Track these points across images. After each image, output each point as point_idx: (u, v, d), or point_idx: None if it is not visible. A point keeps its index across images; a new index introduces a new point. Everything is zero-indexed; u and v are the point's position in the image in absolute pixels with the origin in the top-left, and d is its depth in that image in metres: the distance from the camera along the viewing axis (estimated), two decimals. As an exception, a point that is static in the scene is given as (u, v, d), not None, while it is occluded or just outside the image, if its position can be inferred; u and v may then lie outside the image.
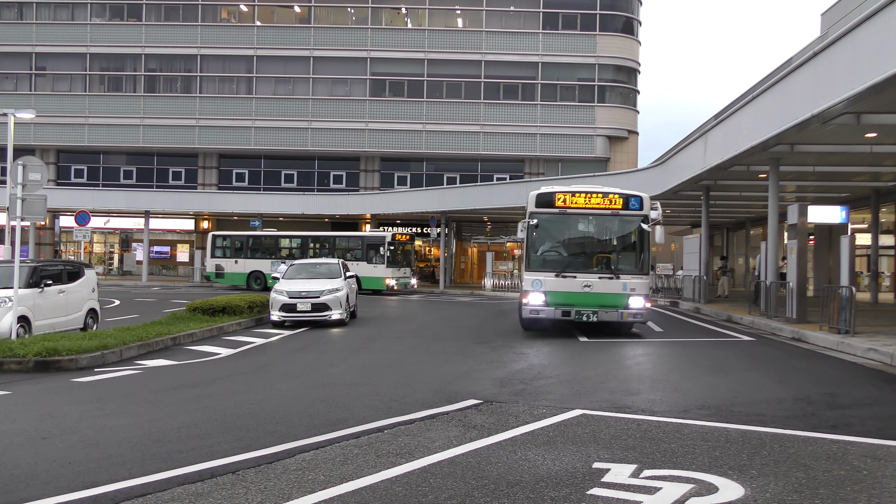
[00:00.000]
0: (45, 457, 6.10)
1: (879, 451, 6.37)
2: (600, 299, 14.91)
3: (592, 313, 14.87)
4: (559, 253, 15.70)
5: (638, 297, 14.90)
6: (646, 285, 15.15)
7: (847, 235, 16.45)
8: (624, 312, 14.87)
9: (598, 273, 15.11)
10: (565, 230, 15.75)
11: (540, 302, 15.02)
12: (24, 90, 46.08)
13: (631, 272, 15.11)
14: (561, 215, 15.38)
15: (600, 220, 15.47)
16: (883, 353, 11.97)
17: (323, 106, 45.23)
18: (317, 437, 6.64)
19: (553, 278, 15.04)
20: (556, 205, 15.28)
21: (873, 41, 11.07)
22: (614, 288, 14.93)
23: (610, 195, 15.21)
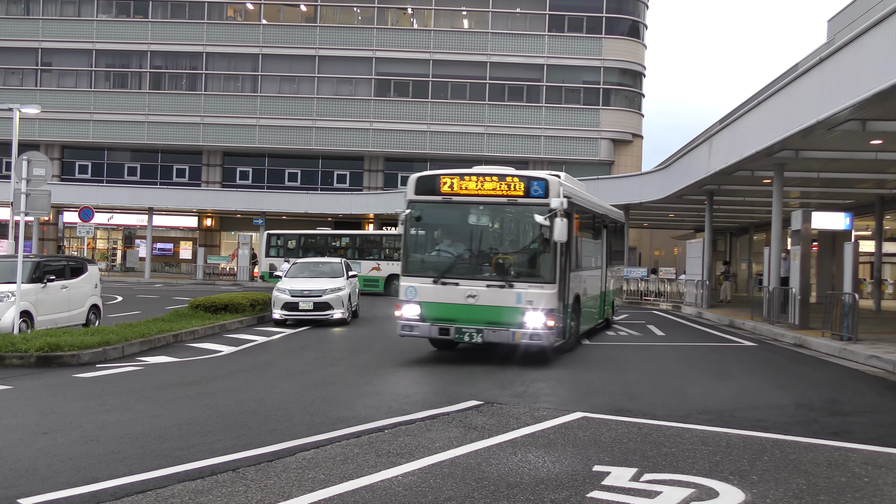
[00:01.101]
0: (45, 452, 6.10)
1: (881, 458, 6.35)
2: (486, 314, 11.24)
3: (476, 332, 11.19)
4: (440, 253, 12.19)
5: (537, 312, 11.04)
6: (550, 297, 11.21)
7: (850, 242, 16.41)
8: (517, 332, 11.05)
9: (486, 280, 11.38)
10: (450, 223, 12.18)
11: (414, 315, 11.59)
12: (29, 86, 46.19)
13: (531, 279, 11.34)
14: (445, 204, 11.82)
15: (494, 210, 11.80)
16: (885, 361, 11.94)
17: (327, 105, 45.26)
18: (317, 436, 6.64)
19: (430, 285, 11.55)
20: (441, 191, 11.74)
21: (880, 48, 11.05)
22: (505, 300, 11.16)
23: (508, 178, 11.50)
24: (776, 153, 16.83)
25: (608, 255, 17.42)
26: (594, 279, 15.46)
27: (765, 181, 20.94)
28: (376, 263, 31.52)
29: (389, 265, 30.68)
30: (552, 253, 11.38)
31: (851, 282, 15.37)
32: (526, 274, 11.48)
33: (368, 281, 30.72)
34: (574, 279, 12.66)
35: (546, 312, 11.10)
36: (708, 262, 25.93)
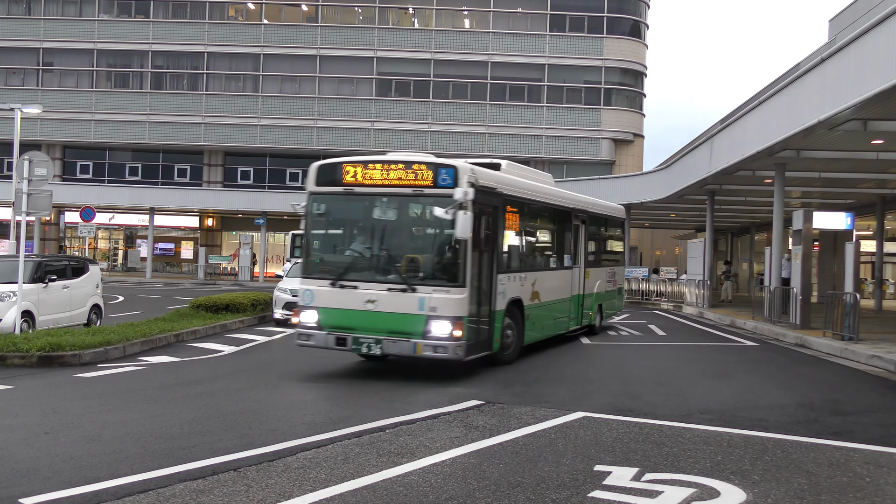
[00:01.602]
0: (46, 452, 6.11)
1: (882, 458, 6.35)
2: (387, 322, 9.80)
3: (375, 342, 9.80)
4: (340, 252, 10.92)
5: (442, 321, 9.51)
6: (458, 303, 9.61)
7: (852, 242, 16.41)
8: (418, 344, 9.59)
9: (388, 283, 9.92)
10: (352, 218, 10.83)
11: (311, 322, 10.27)
12: (31, 85, 46.21)
13: (436, 283, 9.74)
14: (347, 196, 10.44)
15: (400, 203, 10.27)
16: (887, 361, 11.94)
17: (329, 105, 45.27)
18: (318, 436, 6.64)
19: (328, 289, 10.19)
20: (344, 181, 10.35)
21: (881, 48, 11.04)
22: (407, 306, 9.68)
23: (415, 166, 10.00)
24: (777, 153, 16.83)
25: (591, 253, 15.93)
26: (556, 281, 13.61)
27: (766, 181, 20.92)
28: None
29: None
30: (461, 252, 9.69)
31: (853, 281, 15.37)
32: (431, 276, 9.86)
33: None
34: (509, 281, 11.18)
35: (452, 321, 9.50)
36: (709, 262, 25.92)
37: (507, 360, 11.39)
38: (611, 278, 17.30)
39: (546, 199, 13.43)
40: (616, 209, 18.71)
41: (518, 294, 11.58)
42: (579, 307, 15.00)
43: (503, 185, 11.13)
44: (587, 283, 15.38)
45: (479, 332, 10.25)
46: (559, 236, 14.37)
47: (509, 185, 11.43)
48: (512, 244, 11.74)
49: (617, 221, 18.52)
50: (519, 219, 12.03)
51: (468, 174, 9.84)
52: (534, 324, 12.35)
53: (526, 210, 12.45)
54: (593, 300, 15.86)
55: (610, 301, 17.42)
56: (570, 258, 14.53)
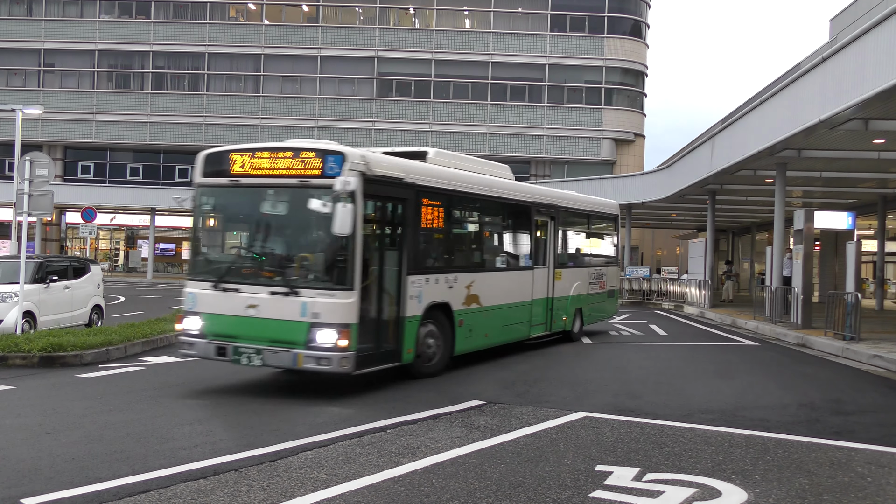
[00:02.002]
0: (48, 452, 6.11)
1: (884, 458, 6.35)
2: (269, 329, 8.62)
3: (255, 353, 8.58)
4: (224, 251, 10.01)
5: (326, 329, 8.32)
6: (345, 308, 8.36)
7: (853, 242, 16.40)
8: (300, 355, 8.36)
9: (270, 285, 8.76)
10: (239, 212, 9.79)
11: (194, 329, 9.14)
12: (32, 86, 46.24)
13: (321, 285, 8.54)
14: (234, 188, 9.31)
15: (288, 194, 9.04)
16: (888, 360, 11.93)
17: (330, 105, 45.28)
18: (320, 436, 6.64)
19: (210, 292, 9.06)
20: (232, 171, 9.24)
21: (882, 47, 11.04)
22: (288, 311, 8.50)
23: (303, 153, 8.85)
24: (778, 153, 16.82)
25: (566, 253, 14.74)
26: (507, 283, 12.28)
27: (767, 181, 20.91)
28: None
29: None
30: (349, 250, 8.44)
31: (854, 281, 15.35)
32: (315, 278, 8.70)
33: None
34: (428, 284, 9.83)
35: (338, 329, 8.27)
36: (710, 262, 25.91)
37: (430, 371, 9.94)
38: (596, 280, 15.84)
39: (490, 192, 11.88)
40: (604, 205, 17.23)
41: (444, 297, 10.23)
42: (547, 311, 13.48)
43: (417, 175, 9.86)
44: (558, 285, 13.94)
45: (380, 341, 9.03)
46: (512, 233, 13.05)
47: (429, 175, 10.19)
48: (433, 241, 10.57)
49: (606, 218, 17.17)
50: (445, 213, 10.67)
51: (355, 162, 8.61)
52: (471, 331, 10.87)
53: (457, 203, 11.10)
54: (569, 304, 14.34)
55: (596, 305, 15.89)
56: (528, 258, 12.92)
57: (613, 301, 17.43)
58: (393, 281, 9.38)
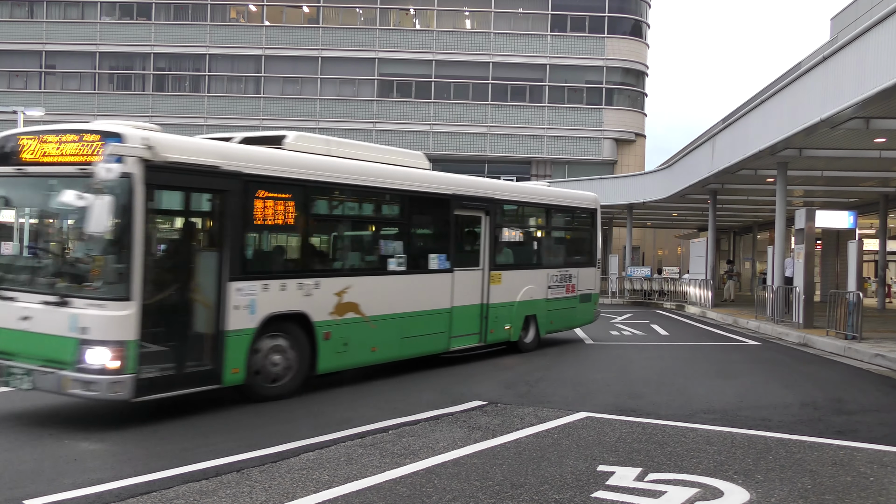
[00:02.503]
0: (50, 454, 6.12)
1: (886, 457, 6.34)
2: (41, 346, 7.30)
3: (26, 374, 7.26)
4: (7, 253, 9.03)
5: (98, 347, 6.94)
6: (119, 322, 6.99)
7: (855, 241, 16.38)
8: (64, 378, 6.99)
9: (43, 293, 7.41)
10: (24, 205, 8.52)
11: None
12: (33, 88, 46.29)
13: (92, 293, 7.14)
14: (19, 178, 7.92)
15: (67, 185, 7.27)
16: (890, 359, 11.92)
17: (330, 106, 45.30)
18: (321, 437, 6.64)
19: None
20: (20, 157, 7.83)
21: (883, 46, 11.03)
22: (58, 325, 7.15)
23: (87, 135, 7.44)
24: (779, 152, 16.81)
25: (510, 253, 13.02)
26: (406, 288, 10.40)
27: (768, 180, 20.90)
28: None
29: None
30: (126, 250, 7.05)
31: (856, 280, 15.34)
32: (88, 286, 7.27)
33: None
34: (267, 291, 8.27)
35: (111, 347, 6.89)
36: (711, 262, 25.90)
37: (276, 393, 8.39)
38: (561, 283, 13.93)
39: (374, 183, 9.96)
40: (574, 198, 15.15)
41: (296, 307, 8.63)
42: (480, 320, 11.75)
43: (245, 162, 8.27)
44: (497, 289, 12.09)
45: (185, 361, 7.63)
46: (415, 231, 11.09)
47: (268, 163, 8.54)
48: (277, 241, 9.23)
49: (576, 213, 15.21)
50: (300, 207, 8.96)
51: (134, 145, 7.11)
52: (346, 344, 9.24)
53: (319, 196, 9.41)
54: (514, 311, 12.52)
55: (561, 311, 13.95)
56: (444, 259, 11.09)
57: (588, 306, 15.01)
58: (208, 288, 7.86)
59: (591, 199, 15.40)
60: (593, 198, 15.50)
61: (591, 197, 15.54)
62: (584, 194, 15.80)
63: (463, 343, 11.57)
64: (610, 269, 32.10)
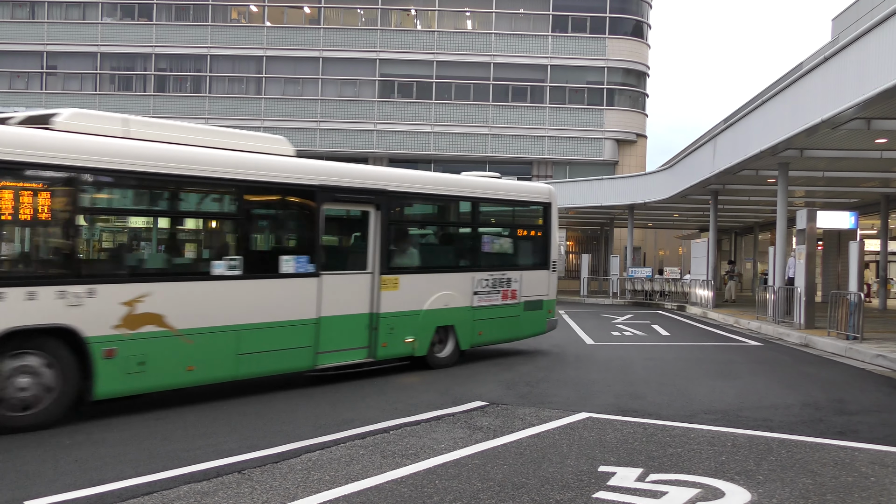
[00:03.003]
0: (51, 454, 6.13)
1: (888, 457, 6.34)
2: None
3: None
4: None
5: None
6: None
7: (856, 241, 16.38)
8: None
9: None
10: None
11: None
12: (35, 89, 46.33)
13: None
14: None
15: None
16: (891, 360, 11.91)
17: (331, 107, 45.32)
18: (322, 437, 6.65)
19: None
20: None
21: (884, 46, 11.03)
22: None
23: None
24: (781, 152, 16.81)
25: (412, 253, 11.17)
26: (241, 296, 8.69)
27: (769, 180, 20.89)
28: None
29: None
30: None
31: (857, 281, 15.34)
32: None
33: None
34: (11, 300, 6.85)
35: None
36: (713, 262, 25.89)
37: (28, 423, 6.96)
38: (495, 288, 12.05)
39: (186, 171, 8.37)
40: (515, 190, 13.26)
41: (60, 319, 7.18)
42: (368, 331, 10.05)
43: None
44: (393, 296, 10.35)
45: None
46: (255, 227, 9.68)
47: (21, 146, 7.11)
48: (29, 239, 7.59)
49: (518, 208, 13.30)
50: (66, 199, 7.44)
51: None
52: (142, 364, 7.76)
53: (98, 185, 7.88)
54: (420, 321, 10.72)
55: (490, 321, 11.97)
56: (304, 261, 9.33)
57: (537, 315, 12.95)
58: None
59: (544, 192, 13.31)
60: (546, 190, 13.39)
61: (542, 189, 13.46)
62: (534, 186, 14.15)
63: (339, 359, 9.76)
64: (611, 269, 32.11)
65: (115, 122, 8.38)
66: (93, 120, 8.21)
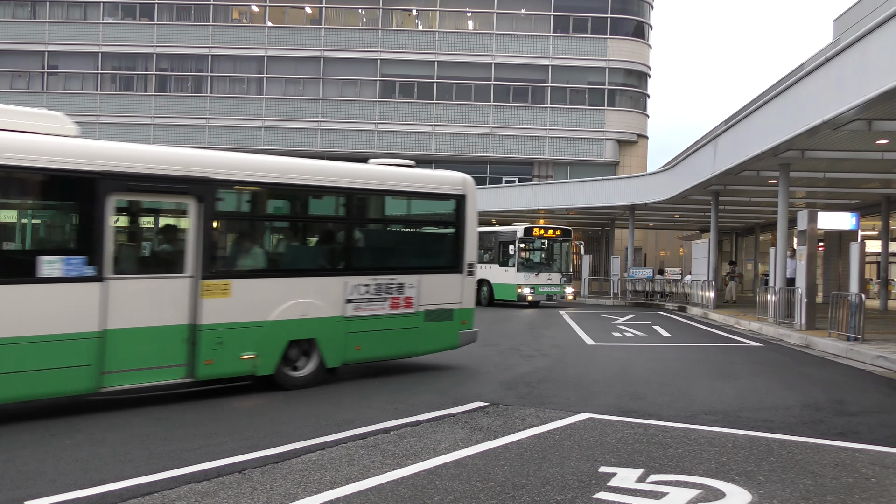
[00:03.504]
0: (52, 454, 6.13)
1: (888, 458, 6.33)
2: None
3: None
4: None
5: None
6: None
7: (857, 242, 16.38)
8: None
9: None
10: None
11: None
12: (36, 88, 46.37)
13: None
14: None
15: None
16: (892, 361, 11.91)
17: (333, 107, 45.35)
18: (323, 438, 6.65)
19: None
20: None
21: (886, 47, 11.03)
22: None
23: None
24: (782, 153, 16.80)
25: (261, 252, 9.55)
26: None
27: (770, 181, 20.89)
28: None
29: (480, 269, 24.08)
30: None
31: (858, 282, 15.33)
32: None
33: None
34: None
35: None
36: (713, 263, 25.88)
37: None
38: (379, 295, 10.11)
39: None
40: (411, 179, 10.86)
41: None
42: (184, 346, 8.35)
43: None
44: (224, 305, 8.62)
45: None
46: (5, 221, 8.57)
47: None
48: None
49: (416, 200, 11.26)
50: None
51: None
52: None
53: None
54: (264, 333, 8.95)
55: (372, 334, 10.06)
56: (78, 263, 7.69)
57: (445, 326, 10.94)
58: None
59: (457, 182, 11.24)
60: (460, 180, 11.30)
61: (454, 179, 11.30)
62: (443, 174, 11.58)
63: (139, 380, 8.06)
64: (612, 270, 32.09)
65: None
66: None
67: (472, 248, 11.34)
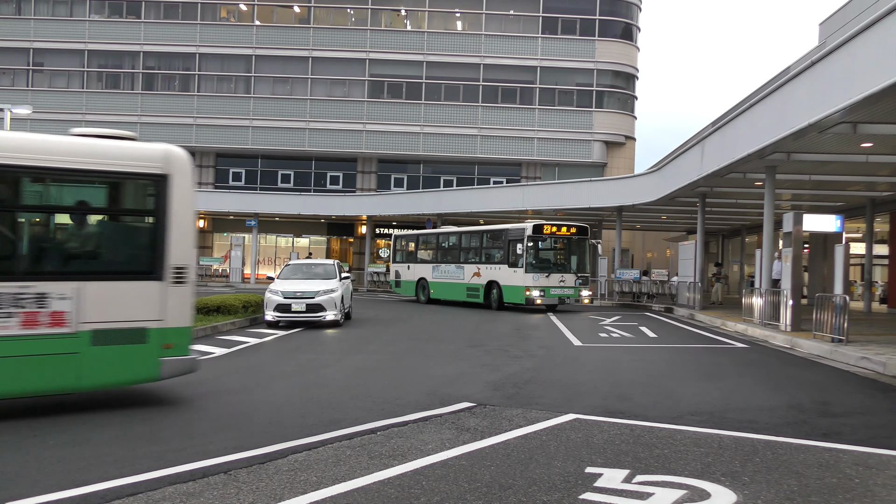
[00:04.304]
0: (34, 455, 6.07)
1: (871, 459, 6.38)
2: None
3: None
4: None
5: None
6: None
7: (842, 244, 16.50)
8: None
9: None
10: None
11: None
12: (21, 86, 45.98)
13: None
14: None
15: None
16: (875, 362, 12.00)
17: (321, 106, 45.22)
18: (309, 438, 6.63)
19: None
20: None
21: (871, 51, 11.12)
22: None
23: None
24: (768, 156, 16.90)
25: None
26: None
27: (757, 183, 21.02)
28: (476, 268, 26.09)
29: (490, 269, 25.42)
30: None
31: (842, 284, 15.44)
32: None
33: (470, 290, 26.22)
34: None
35: None
36: (700, 264, 26.01)
37: None
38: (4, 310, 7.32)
39: None
40: (59, 151, 7.92)
41: None
42: None
43: None
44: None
45: None
46: None
47: None
48: None
49: (81, 179, 8.28)
50: None
51: None
52: None
53: None
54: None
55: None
56: None
57: (132, 352, 8.03)
58: None
59: (156, 158, 8.56)
60: (160, 154, 8.61)
61: (153, 153, 8.60)
62: (132, 146, 8.62)
63: None
64: (599, 271, 32.18)
65: None
66: None
67: (184, 246, 8.43)
